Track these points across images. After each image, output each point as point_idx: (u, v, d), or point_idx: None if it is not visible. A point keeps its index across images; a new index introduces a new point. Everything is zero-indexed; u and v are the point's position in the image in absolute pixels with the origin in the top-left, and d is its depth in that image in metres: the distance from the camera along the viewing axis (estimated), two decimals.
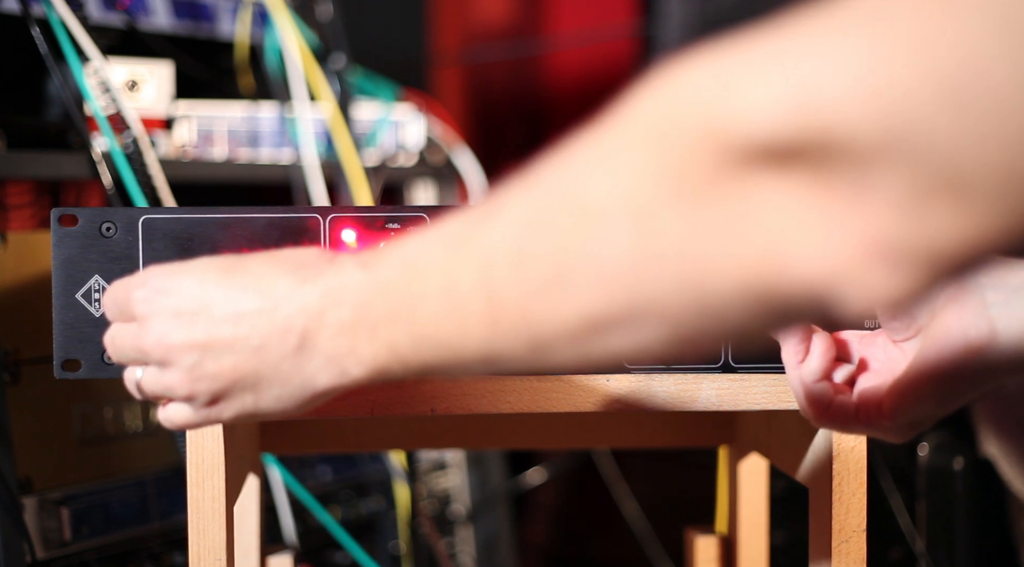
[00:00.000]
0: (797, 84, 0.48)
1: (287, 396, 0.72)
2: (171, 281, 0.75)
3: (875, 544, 0.94)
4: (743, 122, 0.50)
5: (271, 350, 0.71)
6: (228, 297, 0.73)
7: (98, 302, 0.92)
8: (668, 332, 0.56)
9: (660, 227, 0.53)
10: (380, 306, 0.67)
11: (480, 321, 0.62)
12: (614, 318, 0.57)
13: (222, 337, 0.72)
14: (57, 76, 1.22)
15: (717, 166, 0.51)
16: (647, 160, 0.53)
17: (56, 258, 0.91)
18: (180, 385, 0.75)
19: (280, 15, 1.49)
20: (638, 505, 1.87)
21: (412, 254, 0.66)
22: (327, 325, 0.69)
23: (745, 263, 0.52)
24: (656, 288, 0.55)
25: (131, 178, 1.23)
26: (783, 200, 0.50)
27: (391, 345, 0.67)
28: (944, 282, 0.49)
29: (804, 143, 0.48)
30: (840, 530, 0.90)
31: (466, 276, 0.62)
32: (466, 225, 0.63)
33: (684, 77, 0.53)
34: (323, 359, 0.70)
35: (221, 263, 0.75)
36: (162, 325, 0.74)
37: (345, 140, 1.49)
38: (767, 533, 1.21)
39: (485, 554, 1.72)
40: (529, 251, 0.58)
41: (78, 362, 0.92)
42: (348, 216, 0.93)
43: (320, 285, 0.70)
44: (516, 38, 2.59)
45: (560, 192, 0.58)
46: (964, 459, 1.48)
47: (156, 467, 1.32)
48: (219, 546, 0.90)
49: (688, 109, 0.52)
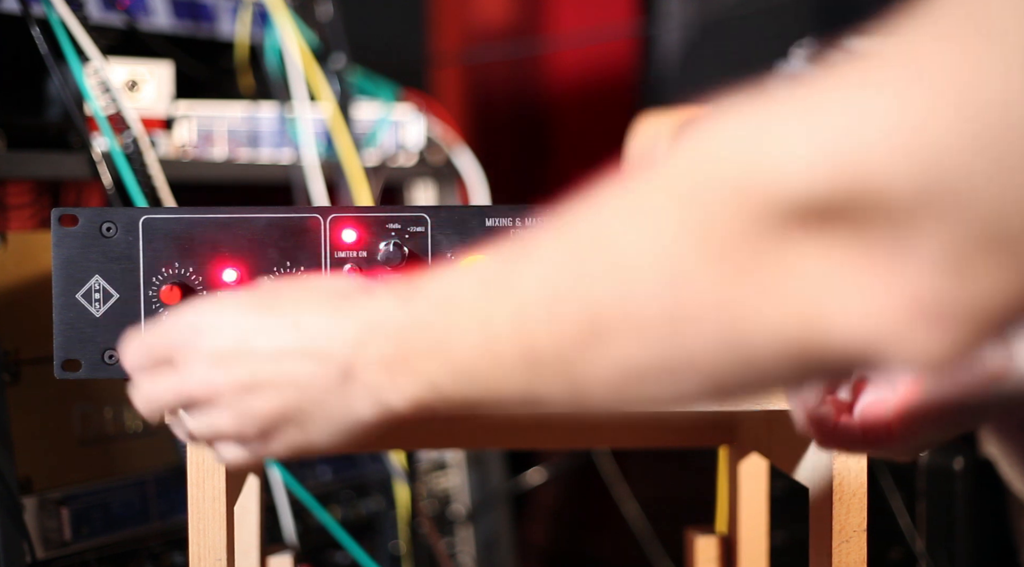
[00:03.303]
0: (831, 140, 0.47)
1: (335, 430, 0.72)
2: (206, 319, 0.74)
3: (875, 544, 0.94)
4: (778, 182, 0.49)
5: (314, 386, 0.71)
6: (267, 334, 0.72)
7: (98, 302, 0.92)
8: (706, 383, 0.56)
9: (695, 287, 0.53)
10: (418, 342, 0.67)
11: (517, 364, 0.62)
12: (651, 370, 0.56)
13: (265, 376, 0.72)
14: (57, 76, 1.22)
15: (751, 227, 0.50)
16: (679, 218, 0.53)
17: (56, 258, 0.91)
18: (229, 427, 0.74)
19: (280, 15, 1.49)
20: (638, 505, 1.87)
21: (448, 292, 0.66)
22: (367, 358, 0.69)
23: (784, 323, 0.51)
24: (693, 343, 0.54)
25: (131, 178, 1.23)
26: (822, 260, 0.49)
27: (431, 381, 0.67)
28: (990, 338, 0.48)
29: (841, 201, 0.47)
30: (840, 530, 0.90)
31: (501, 319, 0.62)
32: (500, 266, 0.63)
33: (716, 133, 0.52)
34: (365, 393, 0.70)
35: (257, 297, 0.74)
36: (204, 368, 0.74)
37: (345, 140, 1.49)
38: (767, 533, 1.21)
39: (485, 554, 1.72)
40: (563, 300, 0.58)
41: (78, 362, 0.92)
42: (348, 216, 0.93)
43: (358, 319, 0.70)
44: (516, 38, 2.59)
45: (592, 242, 0.57)
46: (964, 459, 1.48)
47: (156, 467, 1.32)
48: (219, 546, 0.90)
49: (720, 168, 0.51)
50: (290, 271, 0.93)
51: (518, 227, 0.93)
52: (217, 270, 0.92)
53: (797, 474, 0.99)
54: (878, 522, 1.08)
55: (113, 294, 0.92)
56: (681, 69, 2.21)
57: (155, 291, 0.92)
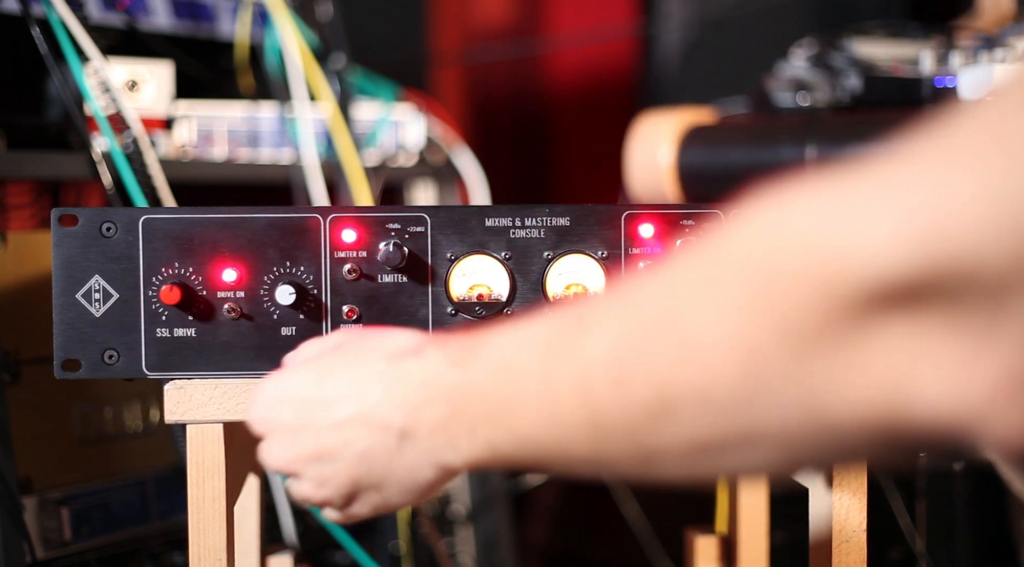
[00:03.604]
0: (918, 216, 0.46)
1: (407, 491, 0.75)
2: (277, 394, 0.78)
3: (875, 544, 0.94)
4: (861, 263, 0.47)
5: (376, 452, 0.74)
6: (327, 406, 0.75)
7: (98, 302, 0.92)
8: (782, 455, 0.55)
9: (769, 367, 0.51)
10: (476, 407, 0.67)
11: (582, 432, 0.61)
12: (724, 444, 0.55)
13: (329, 446, 0.75)
14: (57, 76, 1.22)
15: (832, 311, 0.49)
16: (752, 299, 0.51)
17: (56, 258, 0.91)
18: (312, 494, 0.78)
19: (280, 15, 1.49)
20: (638, 505, 1.87)
21: (506, 358, 0.66)
22: (423, 422, 0.71)
23: (867, 400, 0.49)
24: (769, 419, 0.53)
25: (131, 178, 1.23)
26: (909, 339, 0.48)
27: (490, 443, 0.67)
28: None
29: (931, 279, 0.46)
30: (840, 530, 0.90)
31: (565, 390, 0.61)
32: (560, 333, 0.62)
33: (793, 210, 0.51)
34: (424, 455, 0.72)
35: (317, 368, 0.78)
36: (277, 445, 0.78)
37: (345, 140, 1.49)
38: (767, 533, 1.21)
39: (485, 554, 1.72)
40: (630, 372, 0.57)
41: (78, 362, 0.92)
42: (348, 216, 0.93)
43: (411, 381, 0.72)
44: (516, 38, 2.59)
45: (658, 315, 0.56)
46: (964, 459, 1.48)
47: (156, 467, 1.32)
48: (219, 546, 0.90)
49: (797, 249, 0.50)
50: (291, 271, 0.93)
51: (518, 227, 0.93)
52: (217, 270, 0.92)
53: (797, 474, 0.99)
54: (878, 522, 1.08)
55: (113, 294, 0.92)
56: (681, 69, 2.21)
57: (155, 291, 0.92)
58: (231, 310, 0.92)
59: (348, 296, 0.93)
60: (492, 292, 0.93)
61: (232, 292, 0.92)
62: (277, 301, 0.92)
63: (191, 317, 0.92)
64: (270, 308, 0.93)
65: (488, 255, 0.93)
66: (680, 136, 1.49)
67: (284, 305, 0.92)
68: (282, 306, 0.92)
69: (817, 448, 0.53)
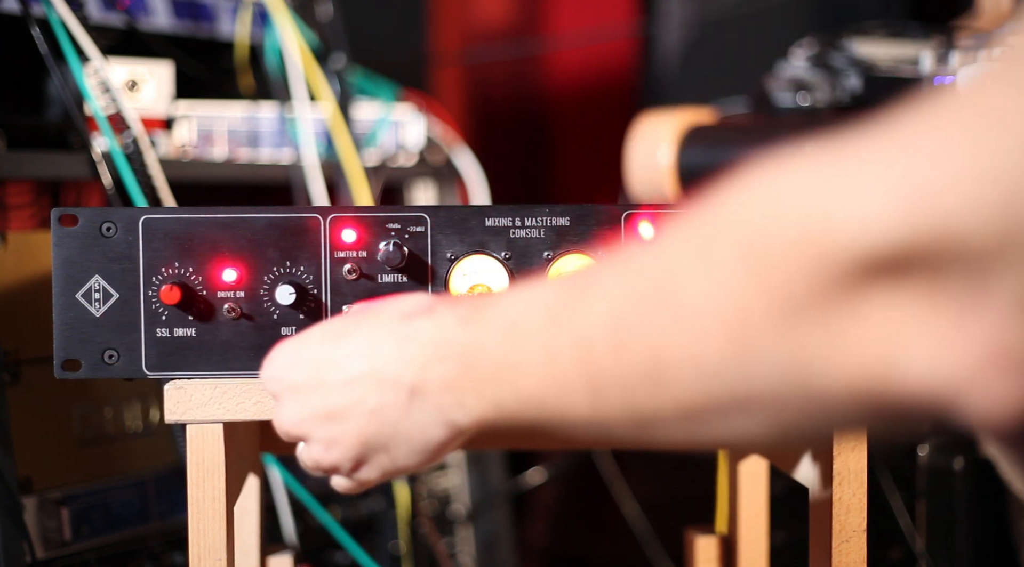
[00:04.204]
0: (907, 188, 0.46)
1: (415, 451, 0.75)
2: (292, 356, 0.79)
3: (875, 544, 0.94)
4: (850, 233, 0.48)
5: (386, 409, 0.74)
6: (338, 365, 0.76)
7: (98, 302, 0.92)
8: (773, 423, 0.56)
9: (760, 338, 0.52)
10: (483, 366, 0.69)
11: (582, 395, 0.62)
12: (716, 409, 0.56)
13: (340, 404, 0.76)
14: (57, 76, 1.22)
15: (821, 280, 0.49)
16: (744, 270, 0.52)
17: (56, 258, 0.91)
18: (322, 456, 0.78)
19: (280, 15, 1.49)
20: (638, 505, 1.87)
21: (512, 319, 0.67)
22: (433, 379, 0.72)
23: (856, 370, 0.50)
24: (758, 385, 0.54)
25: (131, 178, 1.23)
26: (896, 309, 0.48)
27: (497, 402, 0.68)
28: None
29: (918, 250, 0.46)
30: (840, 530, 0.90)
31: (566, 352, 0.62)
32: (563, 297, 0.64)
33: (781, 180, 0.51)
34: (434, 412, 0.72)
35: (332, 330, 0.78)
36: (288, 404, 0.79)
37: (345, 140, 1.49)
38: (767, 533, 1.21)
39: (485, 554, 1.72)
40: (627, 337, 0.58)
41: (78, 362, 0.92)
42: (348, 216, 0.93)
43: (422, 338, 0.72)
44: (516, 38, 2.59)
45: (654, 283, 0.57)
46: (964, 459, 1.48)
47: (156, 467, 1.32)
48: (219, 546, 0.90)
49: (787, 220, 0.50)
50: (291, 271, 0.93)
51: (518, 227, 0.93)
52: (217, 270, 0.92)
53: (797, 474, 0.99)
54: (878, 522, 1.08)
55: (113, 294, 0.92)
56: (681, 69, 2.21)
57: (155, 291, 0.92)
58: (231, 310, 0.92)
59: (348, 296, 0.93)
60: (492, 292, 0.93)
61: (232, 292, 0.92)
62: (277, 301, 0.92)
63: (191, 317, 0.92)
64: (270, 308, 0.93)
65: (488, 255, 0.93)
66: (680, 136, 1.49)
67: (284, 305, 0.92)
68: (282, 306, 0.92)
69: (807, 416, 0.54)
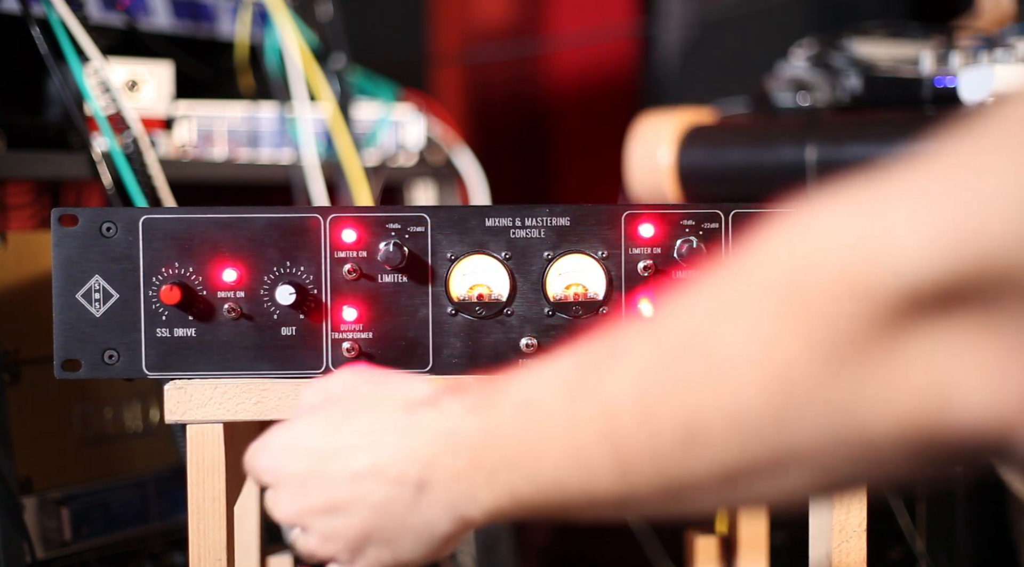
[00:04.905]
0: (951, 220, 0.45)
1: (421, 546, 0.73)
2: (288, 443, 0.76)
3: (875, 544, 0.94)
4: (893, 270, 0.46)
5: (391, 505, 0.71)
6: (339, 458, 0.73)
7: (98, 302, 0.92)
8: (817, 478, 0.54)
9: (801, 385, 0.50)
10: (497, 453, 0.65)
11: (608, 473, 0.59)
12: (756, 468, 0.54)
13: (342, 499, 0.73)
14: (57, 76, 1.22)
15: (865, 320, 0.48)
16: (782, 315, 0.50)
17: (56, 258, 0.91)
18: (319, 547, 0.76)
19: (280, 15, 1.49)
20: None
21: (527, 399, 0.64)
22: (441, 473, 0.69)
23: (904, 411, 0.48)
24: (802, 438, 0.52)
25: (131, 178, 1.23)
26: (945, 345, 0.47)
27: (511, 490, 0.65)
28: None
29: (965, 282, 0.45)
30: (840, 530, 0.90)
31: (590, 428, 0.59)
32: (584, 371, 0.61)
33: (817, 221, 0.50)
34: (442, 507, 0.70)
35: (329, 418, 0.76)
36: (287, 496, 0.76)
37: (345, 140, 1.49)
38: (767, 533, 1.21)
39: (485, 554, 1.72)
40: (657, 404, 0.56)
41: (78, 362, 0.92)
42: (348, 216, 0.93)
43: (428, 432, 0.70)
44: (516, 38, 2.59)
45: (686, 340, 0.55)
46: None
47: (156, 467, 1.32)
48: (219, 546, 0.90)
49: (826, 261, 0.49)
50: (291, 271, 0.92)
51: (518, 227, 0.93)
52: (217, 270, 0.92)
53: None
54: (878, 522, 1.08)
55: (113, 294, 0.92)
56: (681, 69, 2.21)
57: (155, 291, 0.92)
58: (231, 310, 0.92)
59: (348, 296, 0.93)
60: (492, 292, 0.93)
61: (232, 292, 0.92)
62: (277, 301, 0.91)
63: (191, 317, 0.92)
64: (270, 308, 0.93)
65: (488, 255, 0.93)
66: (680, 136, 1.49)
67: (284, 305, 0.92)
68: (282, 306, 0.92)
69: (851, 467, 0.52)
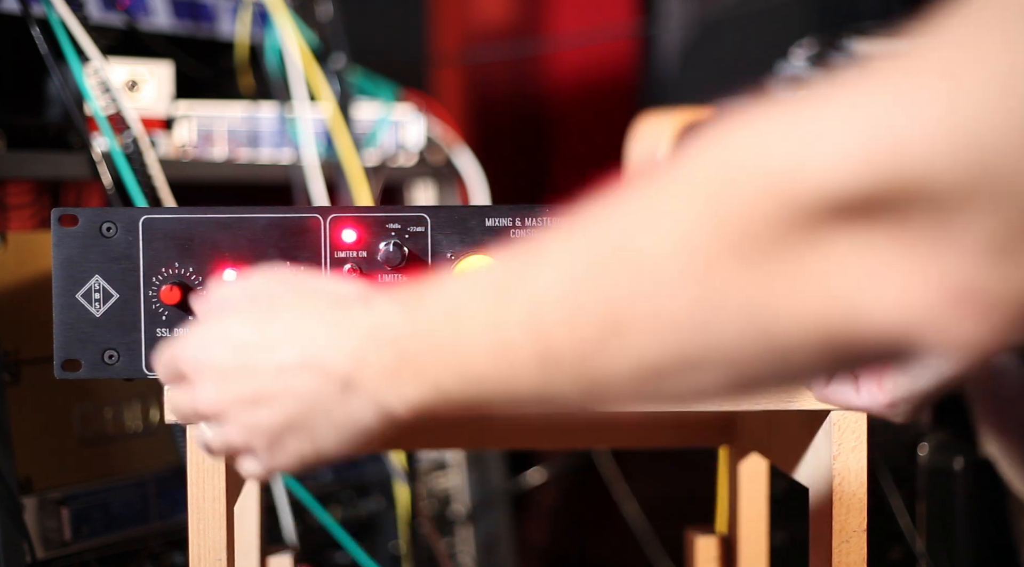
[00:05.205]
0: (870, 131, 0.47)
1: (340, 438, 0.72)
2: (213, 335, 0.76)
3: (875, 544, 0.94)
4: (816, 177, 0.48)
5: (318, 398, 0.71)
6: (267, 350, 0.73)
7: (98, 302, 0.92)
8: (732, 377, 0.55)
9: (721, 283, 0.52)
10: (424, 349, 0.66)
11: (531, 366, 0.61)
12: (674, 365, 0.56)
13: (268, 390, 0.73)
14: (57, 76, 1.22)
15: (784, 224, 0.50)
16: (705, 216, 0.52)
17: (56, 258, 0.91)
18: (238, 439, 0.75)
19: (280, 15, 1.49)
20: (638, 505, 1.87)
21: (456, 297, 0.65)
22: (369, 368, 0.69)
23: (818, 313, 0.50)
24: (718, 337, 0.54)
25: (131, 178, 1.23)
26: (859, 252, 0.49)
27: (437, 386, 0.66)
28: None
29: (884, 194, 0.47)
30: (840, 530, 0.90)
31: (515, 322, 0.61)
32: (511, 270, 0.63)
33: (746, 131, 0.51)
34: (368, 402, 0.70)
35: (258, 305, 0.75)
36: (210, 386, 0.75)
37: (345, 140, 1.49)
38: (767, 533, 1.21)
39: (485, 554, 1.72)
40: (581, 301, 0.57)
41: (78, 362, 0.92)
42: (348, 216, 0.93)
43: (358, 329, 0.70)
44: (516, 38, 2.59)
45: (612, 243, 0.56)
46: (964, 459, 1.48)
47: (156, 467, 1.32)
48: (219, 546, 0.90)
49: (751, 163, 0.51)
50: None
51: (518, 227, 0.93)
52: (217, 270, 0.92)
53: (797, 474, 0.99)
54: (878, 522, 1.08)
55: (113, 294, 0.92)
56: (681, 69, 2.21)
57: (155, 291, 0.92)
58: None
59: None
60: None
61: None
62: None
63: (191, 317, 0.92)
64: None
65: (488, 255, 0.93)
66: (680, 136, 1.49)
67: None
68: None
69: (765, 366, 0.54)
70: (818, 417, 0.91)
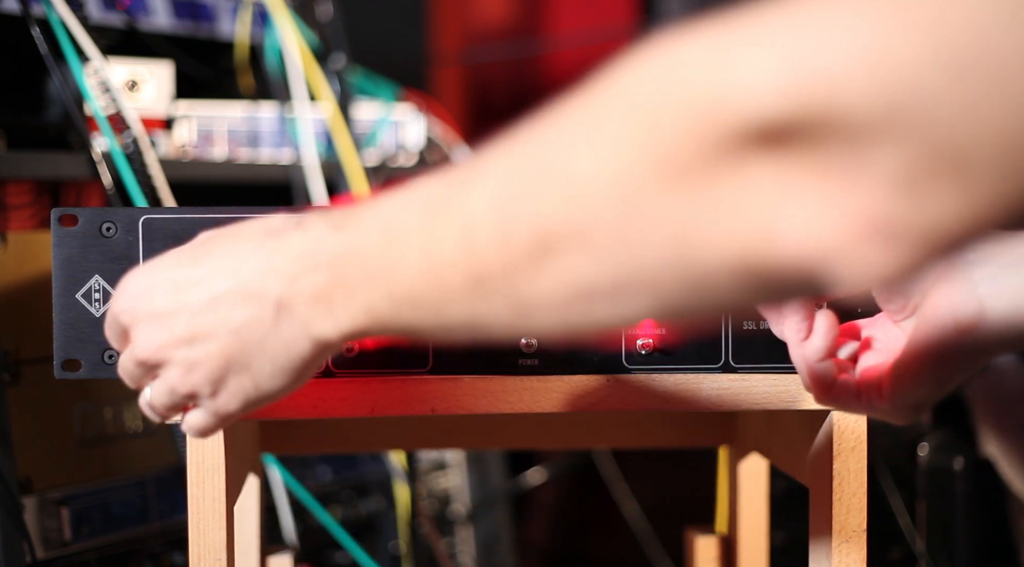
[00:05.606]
0: (795, 61, 0.48)
1: (279, 370, 0.72)
2: (145, 282, 0.75)
3: (875, 544, 0.94)
4: (738, 103, 0.49)
5: (252, 326, 0.71)
6: (200, 285, 0.72)
7: (98, 302, 0.92)
8: (655, 303, 0.56)
9: (648, 205, 0.53)
10: (356, 270, 0.66)
11: (462, 286, 0.61)
12: (600, 288, 0.57)
13: (202, 326, 0.72)
14: (57, 76, 1.22)
15: (708, 147, 0.50)
16: (634, 138, 0.53)
17: (56, 258, 0.91)
18: (179, 383, 0.74)
19: (280, 15, 1.49)
20: (638, 505, 1.87)
21: (389, 217, 0.65)
22: (301, 291, 0.69)
23: (735, 239, 0.52)
24: (643, 261, 0.55)
25: (131, 178, 1.23)
26: (777, 178, 0.50)
27: (369, 308, 0.66)
28: (939, 259, 0.49)
29: (802, 122, 0.48)
30: (840, 530, 0.90)
31: (447, 240, 0.61)
32: (445, 189, 0.63)
33: (675, 53, 0.52)
34: (300, 327, 0.69)
35: (190, 250, 0.75)
36: (146, 331, 0.74)
37: (345, 140, 1.49)
38: (767, 533, 1.21)
39: (485, 554, 1.72)
40: (512, 219, 0.58)
41: (78, 362, 0.92)
42: None
43: (290, 252, 0.69)
44: (516, 38, 2.59)
45: (543, 160, 0.57)
46: (964, 459, 1.48)
47: (156, 467, 1.32)
48: (219, 546, 0.90)
49: (678, 87, 0.51)
50: None
51: None
52: None
53: (797, 474, 0.99)
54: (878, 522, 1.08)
55: (113, 294, 0.92)
56: None
57: None
58: None
59: None
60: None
61: None
62: None
63: None
64: None
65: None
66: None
67: None
68: None
69: (688, 294, 0.55)
70: (818, 417, 0.91)
